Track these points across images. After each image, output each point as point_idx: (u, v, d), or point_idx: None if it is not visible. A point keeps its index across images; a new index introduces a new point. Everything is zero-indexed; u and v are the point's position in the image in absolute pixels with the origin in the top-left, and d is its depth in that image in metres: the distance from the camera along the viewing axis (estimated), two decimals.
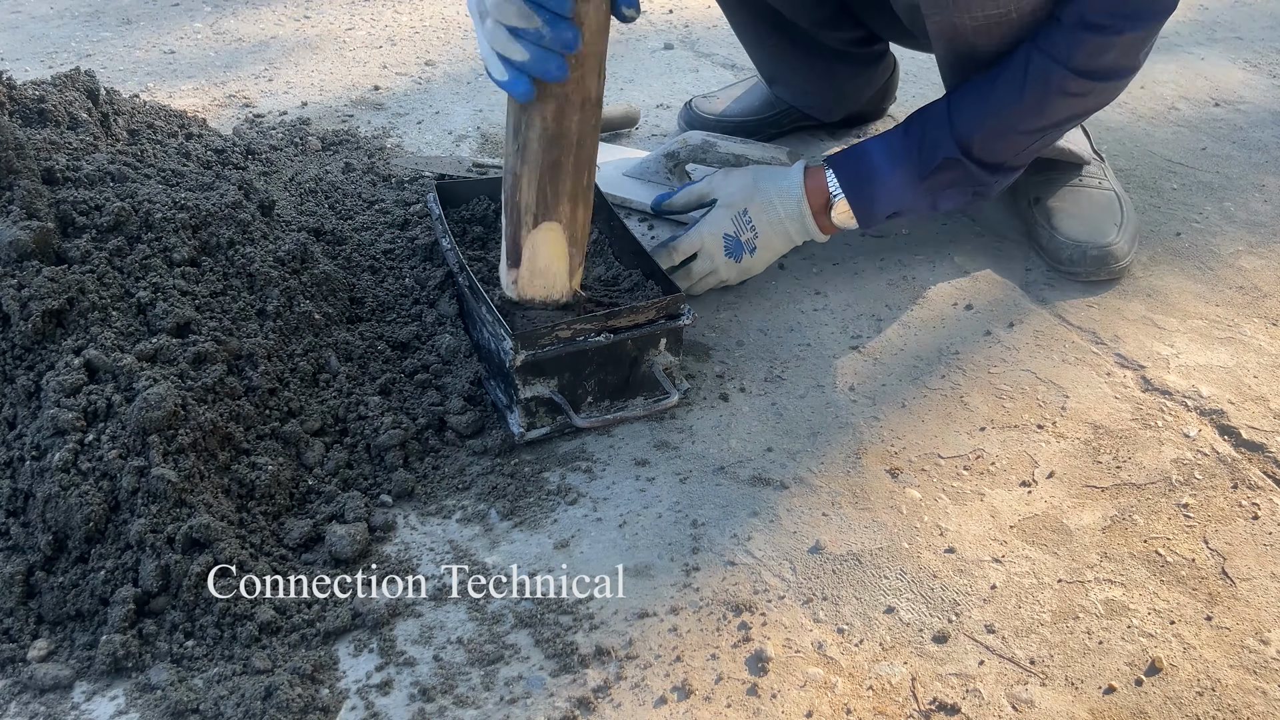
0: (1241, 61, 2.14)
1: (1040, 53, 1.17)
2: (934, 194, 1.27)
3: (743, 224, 1.31)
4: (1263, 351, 1.31)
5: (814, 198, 1.30)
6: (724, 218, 1.32)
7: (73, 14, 2.30)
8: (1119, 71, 1.20)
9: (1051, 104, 1.20)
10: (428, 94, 1.95)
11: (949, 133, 1.23)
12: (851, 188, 1.28)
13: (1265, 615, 0.98)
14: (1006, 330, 1.35)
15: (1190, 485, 1.12)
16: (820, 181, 1.29)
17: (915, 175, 1.25)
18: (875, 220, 1.30)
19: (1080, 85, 1.18)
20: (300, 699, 0.85)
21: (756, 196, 1.31)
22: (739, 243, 1.31)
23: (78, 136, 1.24)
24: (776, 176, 1.32)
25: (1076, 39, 1.15)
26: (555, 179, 1.08)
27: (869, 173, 1.27)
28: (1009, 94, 1.20)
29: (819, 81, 1.67)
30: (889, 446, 1.16)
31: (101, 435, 0.96)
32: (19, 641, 0.91)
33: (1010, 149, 1.25)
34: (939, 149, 1.23)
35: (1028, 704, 0.89)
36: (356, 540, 1.00)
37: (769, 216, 1.30)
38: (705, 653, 0.92)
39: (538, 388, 1.11)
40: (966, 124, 1.22)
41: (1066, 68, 1.16)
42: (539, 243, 1.11)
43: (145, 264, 1.09)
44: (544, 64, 1.00)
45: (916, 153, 1.25)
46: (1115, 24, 1.14)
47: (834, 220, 1.30)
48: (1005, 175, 1.28)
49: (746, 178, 1.34)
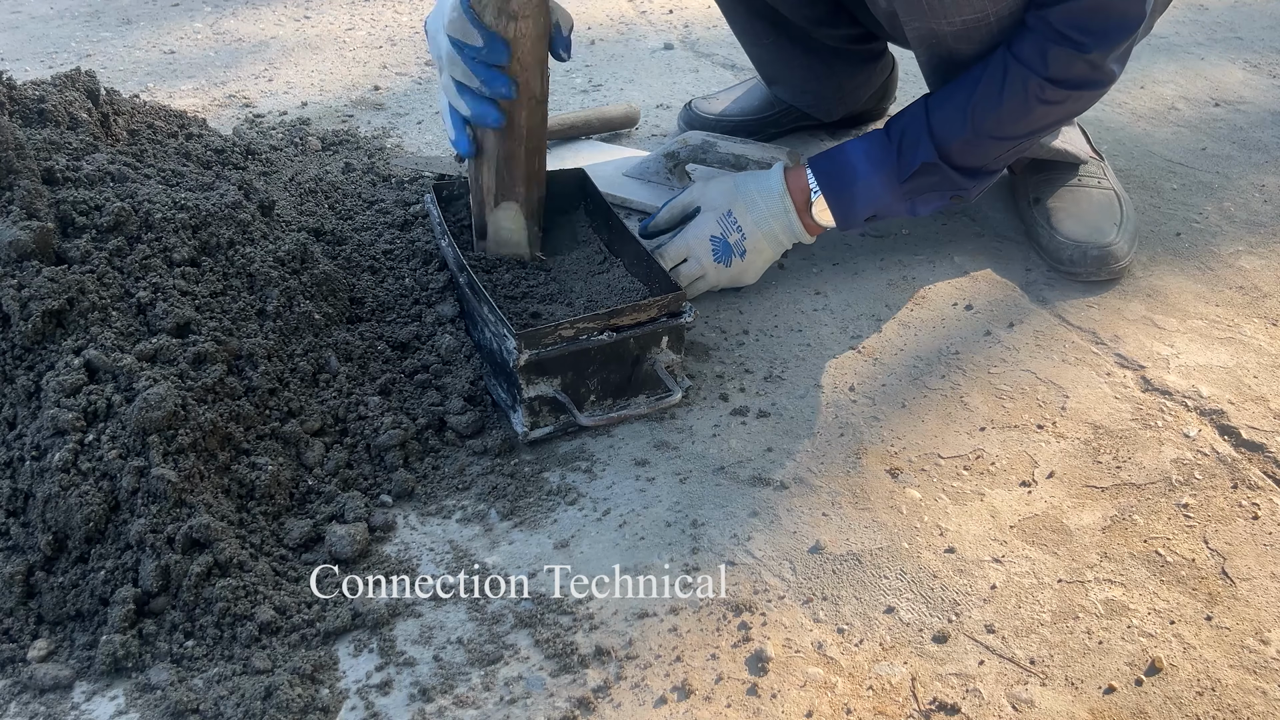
0: (1241, 61, 2.14)
1: (1016, 61, 1.18)
2: (912, 198, 1.28)
3: (729, 225, 1.31)
4: (1263, 351, 1.31)
5: (796, 196, 1.30)
6: (709, 220, 1.32)
7: (73, 14, 2.30)
8: (1092, 82, 1.20)
9: (1030, 111, 1.20)
10: (428, 94, 1.95)
11: (928, 138, 1.23)
12: (830, 188, 1.29)
13: (1265, 615, 0.98)
14: (1006, 330, 1.35)
15: (1190, 485, 1.12)
16: (801, 180, 1.30)
17: (894, 179, 1.26)
18: (854, 221, 1.31)
19: (1056, 94, 1.18)
20: (300, 699, 0.85)
21: (739, 198, 1.32)
22: (727, 245, 1.31)
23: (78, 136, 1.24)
24: (757, 178, 1.33)
25: (1046, 49, 1.16)
26: (510, 166, 1.25)
27: (848, 174, 1.28)
28: (988, 101, 1.20)
29: (817, 80, 1.67)
30: (889, 446, 1.16)
31: (101, 435, 0.96)
32: (19, 641, 0.91)
33: (989, 154, 1.25)
34: (918, 153, 1.24)
35: (1028, 704, 0.89)
36: (356, 540, 1.00)
37: (754, 215, 1.31)
38: (705, 653, 0.92)
39: (541, 387, 1.11)
40: (945, 130, 1.23)
41: (1041, 77, 1.17)
42: (500, 218, 1.29)
43: (145, 264, 1.09)
44: (484, 115, 1.19)
45: (896, 157, 1.26)
46: (1081, 39, 1.14)
47: (815, 218, 1.30)
48: (983, 179, 1.28)
49: (727, 181, 1.35)
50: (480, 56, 1.14)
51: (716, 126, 1.73)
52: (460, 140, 1.23)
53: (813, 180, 1.29)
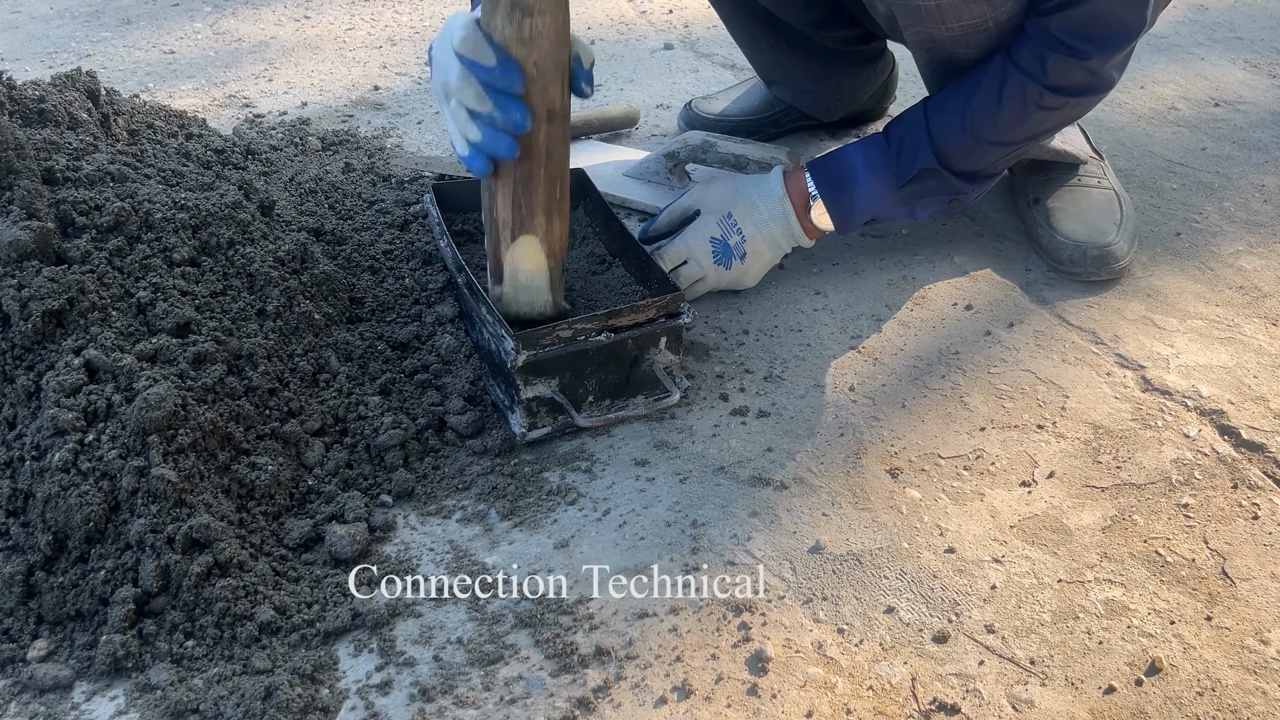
0: (1241, 61, 2.14)
1: (1015, 67, 1.17)
2: (911, 202, 1.28)
3: (728, 227, 1.31)
4: (1263, 351, 1.31)
5: (795, 199, 1.30)
6: (709, 222, 1.32)
7: (73, 14, 2.30)
8: (1091, 89, 1.20)
9: (1028, 117, 1.20)
10: (428, 94, 1.95)
11: (927, 143, 1.23)
12: (829, 192, 1.29)
13: (1265, 615, 0.98)
14: (1006, 330, 1.35)
15: (1190, 485, 1.12)
16: (800, 184, 1.30)
17: (893, 183, 1.26)
18: (852, 225, 1.31)
19: (1055, 100, 1.18)
20: (300, 699, 0.85)
21: (739, 200, 1.32)
22: (727, 246, 1.31)
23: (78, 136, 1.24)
24: (756, 181, 1.34)
25: (1045, 56, 1.15)
26: (528, 192, 1.10)
27: (847, 178, 1.28)
28: (986, 107, 1.20)
29: (817, 81, 1.67)
30: (889, 446, 1.16)
31: (101, 435, 0.96)
32: (19, 641, 0.91)
33: (987, 159, 1.25)
34: (916, 158, 1.24)
35: (1028, 704, 0.89)
36: (356, 540, 1.00)
37: (754, 218, 1.31)
38: (705, 653, 0.92)
39: (539, 388, 1.11)
40: (944, 135, 1.23)
41: (1040, 84, 1.17)
42: (518, 257, 1.13)
43: (145, 264, 1.09)
44: (495, 144, 1.05)
45: (894, 161, 1.26)
46: (1081, 47, 1.14)
47: (814, 222, 1.30)
48: (982, 184, 1.28)
49: (727, 184, 1.35)
50: (493, 80, 1.03)
51: (716, 126, 1.73)
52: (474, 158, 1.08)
53: (811, 184, 1.30)
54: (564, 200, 1.14)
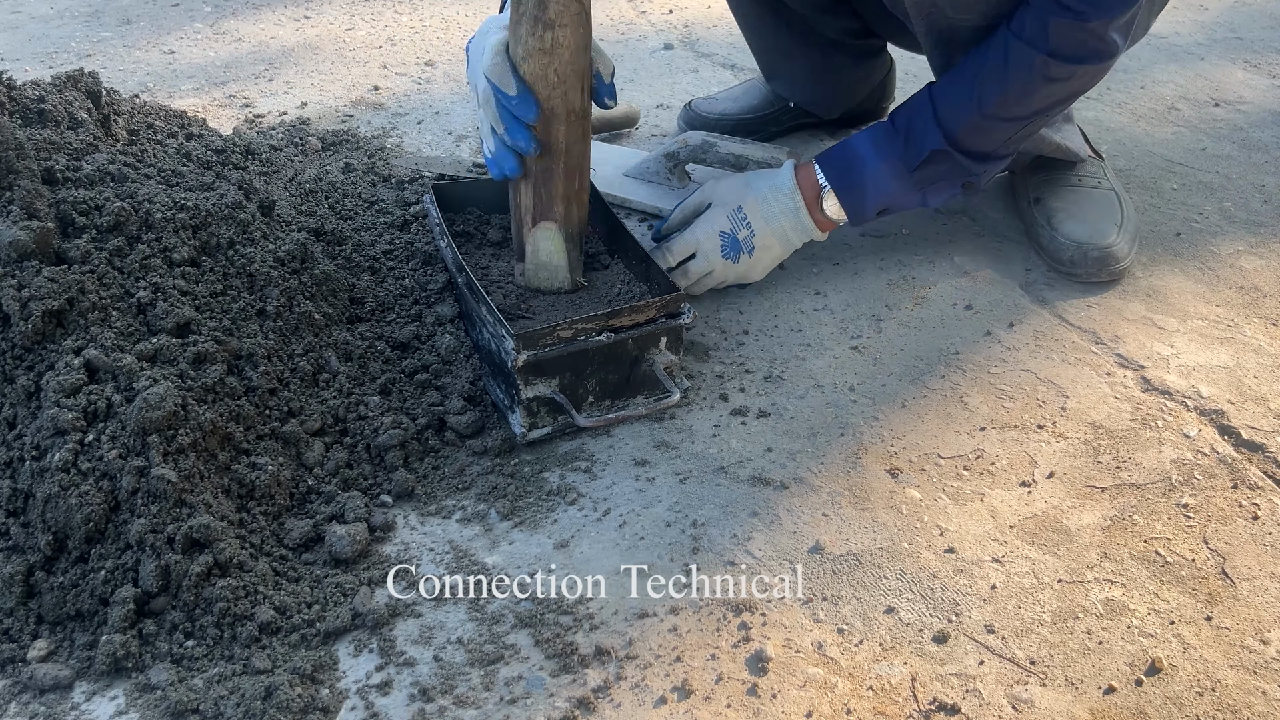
0: (1241, 61, 2.14)
1: (1017, 39, 1.17)
2: (923, 187, 1.27)
3: (738, 221, 1.31)
4: (1263, 351, 1.31)
5: (806, 192, 1.30)
6: (719, 216, 1.32)
7: (73, 14, 2.30)
8: (1096, 54, 1.18)
9: (1036, 90, 1.19)
10: (428, 94, 1.95)
11: (935, 125, 1.23)
12: (840, 182, 1.28)
13: (1265, 615, 0.98)
14: (1006, 330, 1.35)
15: (1190, 485, 1.12)
16: (810, 176, 1.30)
17: (904, 168, 1.26)
18: (866, 215, 1.30)
19: (1060, 69, 1.17)
20: (300, 699, 0.85)
21: (750, 194, 1.32)
22: (736, 240, 1.31)
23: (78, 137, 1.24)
24: (768, 175, 1.33)
25: (1047, 21, 1.14)
26: (548, 183, 1.21)
27: (857, 166, 1.27)
28: (993, 82, 1.19)
29: (816, 73, 1.68)
30: (889, 446, 1.16)
31: (101, 435, 0.96)
32: (19, 641, 0.91)
33: (998, 137, 1.24)
34: (926, 141, 1.23)
35: (1028, 704, 0.89)
36: (356, 540, 1.00)
37: (764, 212, 1.31)
38: (705, 653, 0.92)
39: (539, 388, 1.11)
40: (952, 115, 1.22)
41: (1044, 52, 1.15)
42: (539, 239, 1.24)
43: (145, 264, 1.09)
44: (503, 161, 1.19)
45: (903, 146, 1.25)
46: (1082, 8, 1.13)
47: (827, 214, 1.30)
48: (994, 164, 1.27)
49: (738, 179, 1.35)
50: (511, 107, 1.14)
51: (716, 126, 1.74)
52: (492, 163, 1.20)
53: (821, 175, 1.29)
54: (583, 191, 1.24)
